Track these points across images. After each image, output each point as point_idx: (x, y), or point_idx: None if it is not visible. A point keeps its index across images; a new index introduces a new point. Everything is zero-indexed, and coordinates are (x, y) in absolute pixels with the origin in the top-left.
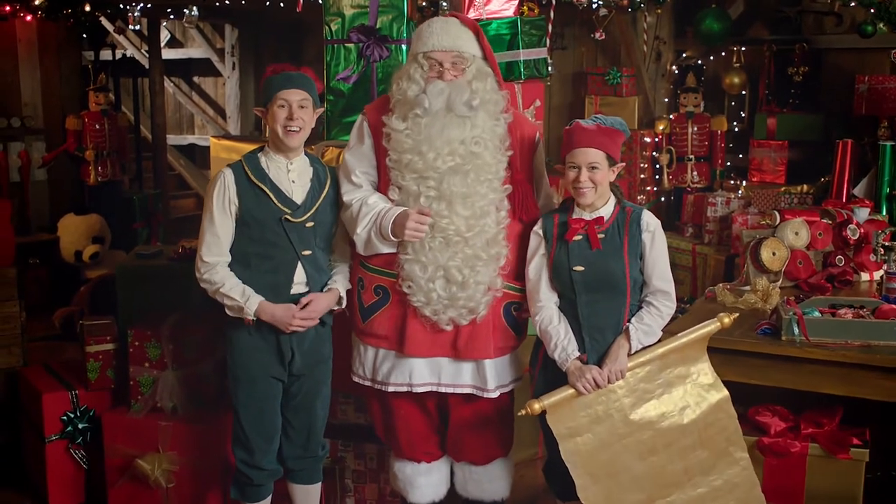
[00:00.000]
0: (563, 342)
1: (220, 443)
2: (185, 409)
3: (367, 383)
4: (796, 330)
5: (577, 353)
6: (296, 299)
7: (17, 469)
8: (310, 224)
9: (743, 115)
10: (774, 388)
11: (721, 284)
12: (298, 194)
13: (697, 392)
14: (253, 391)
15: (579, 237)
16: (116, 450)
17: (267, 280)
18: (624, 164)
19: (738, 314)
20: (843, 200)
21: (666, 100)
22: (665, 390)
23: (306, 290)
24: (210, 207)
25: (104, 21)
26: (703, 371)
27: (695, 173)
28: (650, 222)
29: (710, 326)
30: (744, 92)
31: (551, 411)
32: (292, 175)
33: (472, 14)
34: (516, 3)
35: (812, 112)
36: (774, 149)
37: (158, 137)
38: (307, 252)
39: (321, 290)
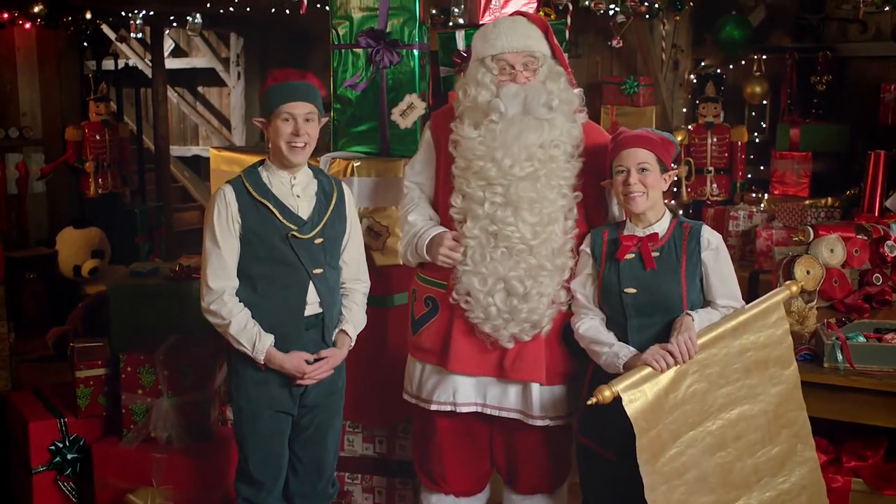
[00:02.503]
0: (619, 343)
1: (219, 477)
2: (180, 440)
3: (413, 401)
4: (840, 356)
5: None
6: (310, 321)
7: (5, 500)
8: (318, 240)
9: (764, 125)
10: (812, 417)
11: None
12: (304, 209)
13: (771, 374)
14: (259, 426)
15: (631, 256)
16: (107, 483)
17: (278, 302)
18: (677, 170)
19: (804, 283)
20: (877, 215)
21: (684, 110)
22: (742, 377)
23: (320, 310)
24: (212, 228)
25: (106, 29)
26: (784, 343)
27: (714, 186)
28: (711, 239)
29: (780, 294)
30: (765, 102)
31: (630, 398)
32: (296, 189)
33: (487, 17)
34: (535, 6)
35: (836, 122)
36: (797, 160)
37: (161, 148)
38: (318, 270)
39: (334, 312)
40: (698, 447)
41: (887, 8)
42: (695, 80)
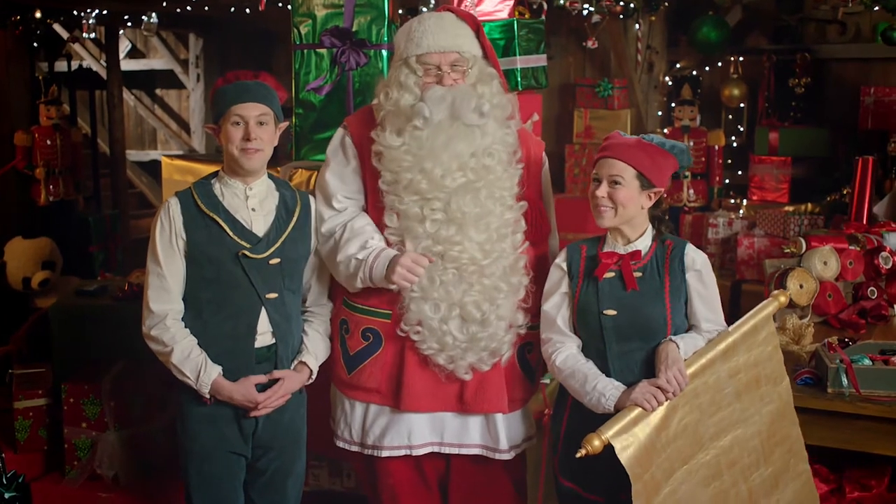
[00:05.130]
0: (602, 377)
1: None
2: (128, 478)
3: (355, 448)
4: (845, 381)
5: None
6: (261, 353)
7: None
8: (274, 261)
9: (741, 129)
10: (814, 446)
11: None
12: (259, 225)
13: (763, 393)
14: (206, 468)
15: (611, 274)
16: None
17: (224, 331)
18: (662, 189)
19: (796, 297)
20: (865, 223)
21: (659, 113)
22: (733, 400)
23: (272, 341)
24: (154, 245)
25: (59, 29)
26: (774, 359)
27: (691, 191)
28: (696, 259)
29: (769, 308)
30: (742, 105)
31: (622, 445)
32: (252, 202)
33: None
34: (511, 3)
35: (815, 126)
36: (777, 165)
37: (117, 153)
38: (272, 295)
39: (290, 343)
40: (692, 481)
41: (877, 8)
42: (670, 83)
